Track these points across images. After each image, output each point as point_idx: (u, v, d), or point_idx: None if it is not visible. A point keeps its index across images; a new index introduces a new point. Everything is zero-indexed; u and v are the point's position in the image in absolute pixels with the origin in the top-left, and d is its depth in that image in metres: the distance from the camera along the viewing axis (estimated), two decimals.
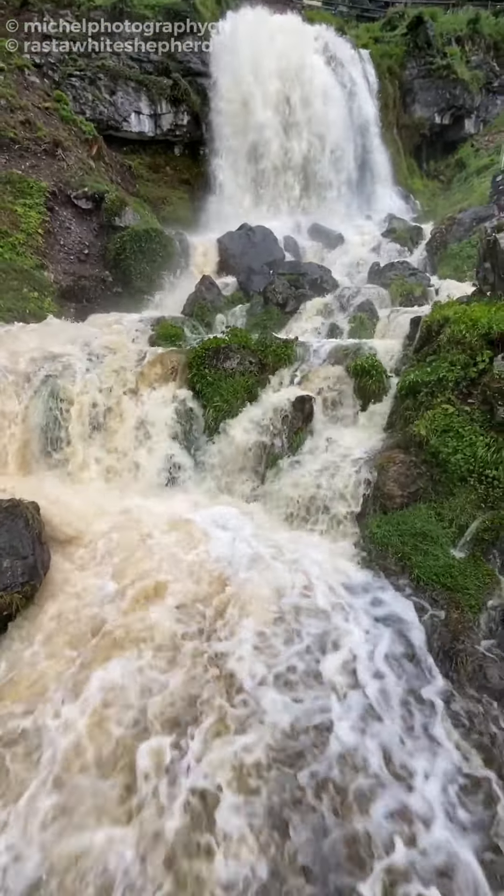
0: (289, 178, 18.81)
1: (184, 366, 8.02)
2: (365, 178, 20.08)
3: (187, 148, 19.44)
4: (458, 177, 21.18)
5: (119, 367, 7.98)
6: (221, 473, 6.94)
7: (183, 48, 18.58)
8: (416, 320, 8.42)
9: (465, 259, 13.11)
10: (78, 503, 6.27)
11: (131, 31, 17.94)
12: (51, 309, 11.86)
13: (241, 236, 14.67)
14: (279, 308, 11.82)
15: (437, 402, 6.25)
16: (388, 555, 5.29)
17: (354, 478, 5.95)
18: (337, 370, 7.84)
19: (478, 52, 22.80)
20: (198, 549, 5.33)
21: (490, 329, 6.21)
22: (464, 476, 5.57)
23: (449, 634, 4.61)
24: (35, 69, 16.63)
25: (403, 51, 21.94)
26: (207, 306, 12.13)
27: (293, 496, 6.14)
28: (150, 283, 13.33)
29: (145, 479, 7.03)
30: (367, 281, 13.07)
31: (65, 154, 14.95)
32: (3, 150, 13.91)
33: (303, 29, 20.55)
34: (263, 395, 7.68)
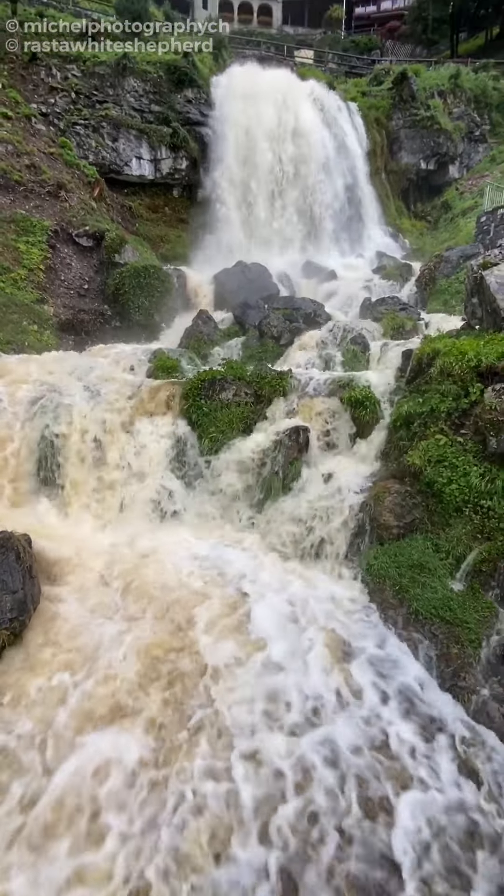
0: (282, 218, 19.64)
1: (180, 397, 8.10)
2: (355, 219, 21.00)
3: (185, 190, 20.33)
4: (444, 217, 22.19)
5: (115, 399, 8.03)
6: (217, 505, 6.89)
7: (182, 100, 19.72)
8: (408, 353, 8.62)
9: (453, 294, 13.56)
10: (71, 536, 6.19)
11: (134, 84, 19.06)
12: (50, 341, 12.06)
13: (236, 273, 15.15)
14: (274, 341, 12.06)
15: (430, 433, 6.32)
16: (386, 587, 5.22)
17: (350, 508, 5.93)
18: (331, 401, 7.94)
19: (459, 104, 24.34)
20: (188, 589, 5.19)
21: (479, 362, 6.36)
22: (459, 506, 5.56)
23: (450, 671, 4.50)
24: (41, 117, 17.54)
25: (389, 103, 23.39)
26: (204, 339, 12.39)
27: (289, 528, 6.09)
28: (148, 316, 13.64)
29: (139, 511, 6.96)
30: (360, 315, 13.42)
31: (68, 195, 15.58)
32: (9, 191, 14.48)
33: (295, 83, 21.99)
34: (259, 425, 7.73)
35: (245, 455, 7.07)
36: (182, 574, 5.46)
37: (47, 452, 7.35)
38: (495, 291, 7.51)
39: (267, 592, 5.23)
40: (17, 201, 14.47)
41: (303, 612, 5.00)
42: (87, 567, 5.65)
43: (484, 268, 8.40)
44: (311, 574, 5.70)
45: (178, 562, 5.67)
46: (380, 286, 15.70)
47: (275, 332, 12.15)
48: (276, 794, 3.37)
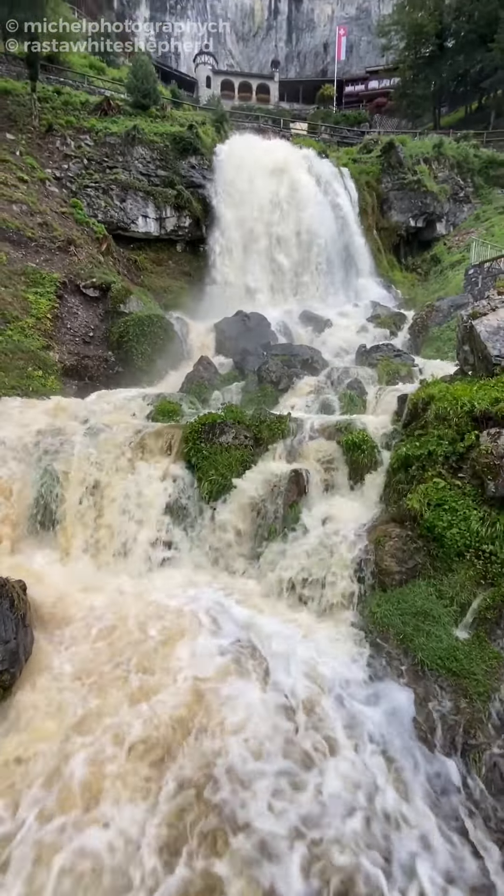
0: (280, 271, 20.66)
1: (180, 440, 8.18)
2: (350, 271, 22.08)
3: (188, 245, 21.51)
4: (434, 270, 23.34)
5: (116, 443, 8.10)
6: (215, 550, 6.80)
7: (186, 166, 21.27)
8: (403, 398, 8.82)
9: (445, 341, 14.05)
10: (67, 582, 6.07)
11: (142, 152, 20.61)
12: (54, 386, 12.33)
13: (236, 321, 15.74)
14: (273, 386, 12.34)
15: (428, 476, 6.36)
16: (390, 636, 5.07)
17: (351, 554, 5.85)
18: (329, 445, 8.03)
19: (444, 169, 26.23)
20: (186, 645, 5.00)
21: (473, 407, 6.51)
22: (461, 551, 5.52)
23: (459, 728, 4.30)
24: (55, 181, 18.84)
25: (379, 169, 25.21)
26: (204, 384, 12.69)
27: (289, 574, 5.97)
28: (150, 362, 14.04)
29: (137, 556, 6.85)
30: (355, 361, 13.82)
31: (77, 250, 16.46)
32: (22, 246, 15.30)
33: (291, 150, 23.85)
34: (258, 468, 7.75)
35: (244, 498, 7.05)
36: (174, 628, 5.26)
37: (46, 496, 7.35)
38: (485, 340, 7.80)
39: (265, 645, 5.05)
40: (28, 255, 15.26)
41: (302, 668, 4.80)
42: (82, 617, 5.48)
43: (474, 317, 8.77)
44: (312, 622, 5.54)
45: (173, 614, 5.48)
46: (374, 334, 16.27)
47: (273, 377, 12.46)
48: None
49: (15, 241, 15.19)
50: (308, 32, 53.08)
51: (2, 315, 13.05)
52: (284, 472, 7.18)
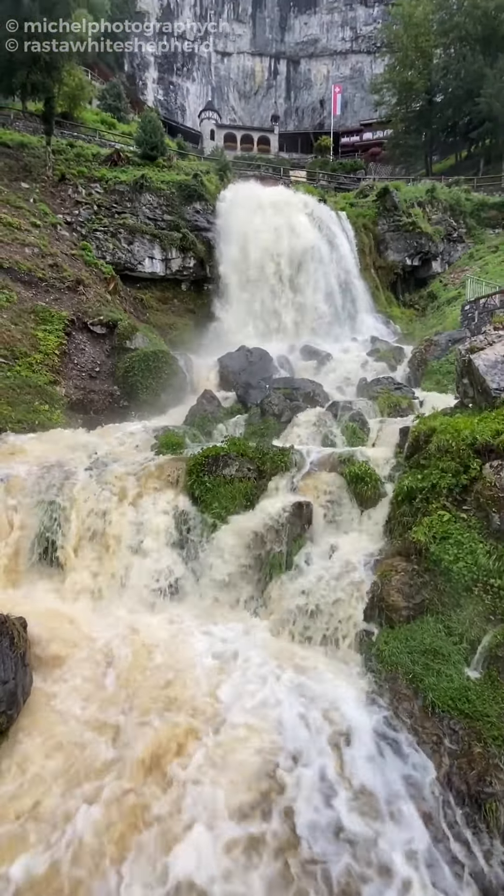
0: (282, 309, 21.30)
1: (184, 473, 8.21)
2: (349, 308, 22.73)
3: (193, 284, 22.31)
4: (431, 306, 24.01)
5: (120, 476, 8.12)
6: (219, 584, 6.69)
7: (191, 211, 22.34)
8: (405, 430, 8.91)
9: (444, 374, 14.27)
10: (68, 618, 5.95)
11: (149, 199, 21.70)
12: (59, 420, 12.51)
13: (239, 356, 16.09)
14: (275, 418, 12.47)
15: (432, 508, 6.34)
16: (399, 675, 4.93)
17: (357, 589, 5.76)
18: (333, 477, 8.04)
19: (437, 212, 27.42)
20: (188, 688, 4.84)
21: (475, 439, 6.56)
22: (468, 586, 5.43)
23: (473, 775, 4.12)
24: (66, 225, 19.76)
25: (375, 212, 26.39)
26: (208, 417, 12.85)
27: (294, 610, 5.85)
28: (155, 396, 14.28)
29: (139, 592, 6.75)
30: (356, 394, 14.02)
31: (85, 289, 17.07)
32: (33, 286, 15.90)
33: (291, 196, 25.08)
34: (262, 501, 7.73)
35: (248, 531, 7.00)
36: (175, 669, 5.10)
37: (49, 530, 7.31)
38: (484, 373, 7.95)
39: (270, 690, 4.88)
40: (38, 295, 15.83)
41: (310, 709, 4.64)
42: (82, 656, 5.34)
43: (472, 352, 8.96)
44: (319, 661, 5.38)
45: (173, 653, 5.35)
46: (374, 367, 16.56)
47: (276, 409, 12.61)
48: None
49: (26, 281, 15.80)
50: (305, 90, 56.83)
51: (11, 351, 13.42)
52: (288, 505, 7.16)
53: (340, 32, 55.20)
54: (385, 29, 42.53)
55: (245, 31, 55.95)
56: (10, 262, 15.73)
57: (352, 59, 55.33)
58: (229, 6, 55.19)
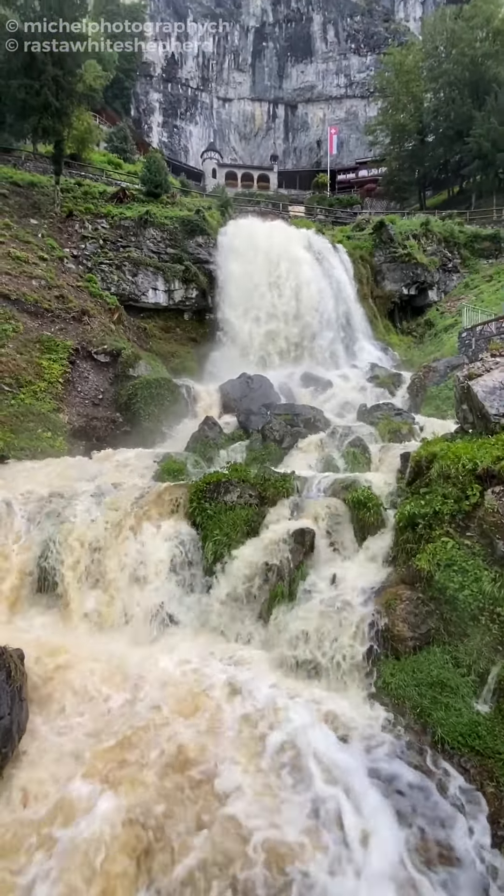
0: (282, 337, 21.73)
1: (185, 500, 8.18)
2: (348, 335, 23.18)
3: (195, 313, 22.85)
4: (428, 333, 24.47)
5: (120, 503, 8.08)
6: (220, 615, 6.57)
7: (194, 244, 23.11)
8: (406, 455, 8.93)
9: (444, 400, 14.42)
10: (66, 649, 5.82)
11: (153, 233, 22.49)
12: (62, 447, 12.61)
13: (240, 383, 16.32)
14: (277, 444, 12.53)
15: (436, 535, 6.30)
16: (406, 709, 4.78)
17: (362, 619, 5.61)
18: (334, 502, 8.01)
19: (432, 244, 28.30)
20: (190, 727, 4.65)
21: (475, 465, 6.58)
22: (475, 615, 5.34)
23: (487, 816, 3.94)
24: (72, 259, 20.42)
25: (371, 244, 27.24)
26: (209, 443, 12.92)
27: (297, 641, 5.69)
28: (157, 423, 14.41)
29: (140, 622, 6.62)
30: (357, 420, 14.12)
31: (90, 319, 17.49)
32: (39, 317, 16.31)
33: (290, 230, 25.97)
34: (264, 528, 7.68)
35: (249, 559, 6.93)
36: (176, 705, 4.92)
37: (49, 559, 7.24)
38: (482, 399, 8.04)
39: (275, 730, 4.66)
40: (44, 325, 16.22)
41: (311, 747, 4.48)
42: (81, 689, 5.17)
43: (470, 378, 9.09)
44: (324, 696, 5.22)
45: (175, 687, 5.17)
46: (374, 393, 16.75)
47: (277, 435, 12.69)
48: None
49: (32, 312, 16.22)
50: (303, 132, 59.64)
51: (16, 380, 13.64)
52: (290, 532, 7.09)
53: (335, 79, 58.38)
54: (377, 76, 45.00)
55: (245, 78, 59.20)
56: (18, 293, 16.19)
57: (346, 103, 58.31)
58: (230, 57, 58.60)
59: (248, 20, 58.23)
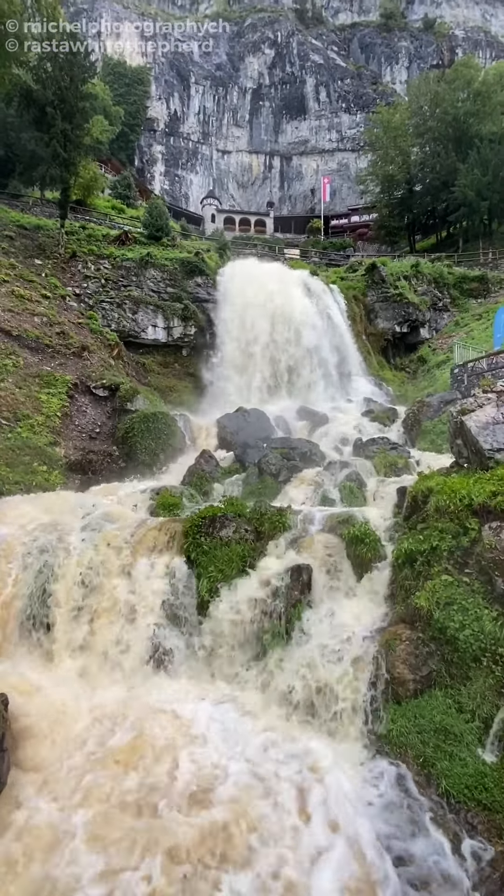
0: (278, 372, 22.16)
1: (180, 534, 8.05)
2: (343, 371, 23.64)
3: (193, 349, 23.32)
4: (421, 369, 24.99)
5: (114, 539, 7.93)
6: (215, 656, 6.35)
7: (193, 284, 23.89)
8: (403, 490, 8.92)
9: (438, 434, 14.55)
10: (54, 694, 5.58)
11: (154, 274, 23.29)
12: (57, 480, 12.52)
13: (237, 417, 16.47)
14: (273, 478, 12.52)
15: (434, 572, 6.21)
16: (409, 758, 4.57)
17: (361, 661, 5.43)
18: (331, 538, 7.92)
19: (422, 284, 29.36)
20: (180, 780, 4.41)
21: (472, 500, 6.58)
22: (477, 656, 5.19)
23: (498, 877, 3.68)
24: (74, 297, 21.01)
25: (364, 285, 28.24)
26: (206, 476, 12.90)
27: (294, 684, 5.48)
28: (153, 456, 14.42)
29: (131, 664, 6.38)
30: (353, 454, 14.17)
31: (90, 355, 17.81)
32: (39, 352, 16.60)
33: (286, 271, 26.95)
34: (259, 564, 7.54)
35: (244, 597, 6.77)
36: (167, 757, 4.66)
37: (39, 598, 7.03)
38: (476, 434, 8.14)
39: (270, 783, 4.41)
40: (44, 360, 16.49)
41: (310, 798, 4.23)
42: (66, 738, 4.92)
43: (463, 413, 9.22)
44: (321, 744, 4.97)
45: (166, 738, 4.91)
46: (369, 428, 16.90)
47: (273, 469, 12.69)
48: None
49: (33, 347, 16.53)
50: (297, 181, 63.01)
51: (14, 414, 13.72)
52: (286, 569, 6.97)
53: (328, 134, 62.30)
54: (367, 132, 48.05)
55: (243, 133, 63.05)
56: (20, 330, 16.54)
57: (338, 155, 61.97)
58: (229, 114, 62.61)
59: (245, 82, 62.58)
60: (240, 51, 62.44)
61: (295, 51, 62.02)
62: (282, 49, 62.02)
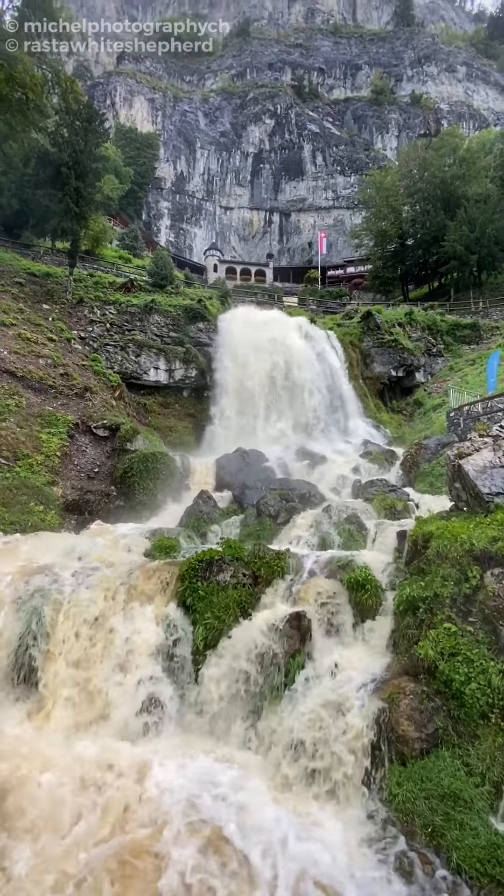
0: (277, 414, 22.49)
1: (176, 578, 7.85)
2: (341, 413, 24.00)
3: (194, 391, 23.77)
4: (417, 412, 25.36)
5: (108, 583, 7.68)
6: (209, 712, 6.01)
7: (195, 329, 24.70)
8: (403, 534, 8.83)
9: (437, 476, 14.57)
10: (39, 753, 5.22)
11: (157, 319, 24.11)
12: (53, 521, 12.39)
13: (236, 457, 16.54)
14: (271, 520, 12.42)
15: (437, 620, 6.04)
16: (416, 828, 4.25)
17: (363, 718, 5.14)
18: (331, 583, 7.73)
19: (416, 331, 30.35)
20: (168, 852, 4.03)
21: (472, 545, 6.51)
22: (484, 711, 4.96)
23: None
24: (79, 340, 21.63)
25: (360, 331, 29.19)
26: (203, 518, 12.78)
27: (292, 747, 5.17)
28: (151, 497, 14.35)
29: (122, 717, 6.02)
30: (352, 495, 14.13)
31: (92, 396, 18.11)
32: (42, 393, 16.89)
33: (285, 318, 27.95)
34: (257, 611, 7.31)
35: (242, 646, 6.51)
36: (152, 824, 4.27)
37: (28, 646, 6.72)
38: (474, 478, 8.17)
39: (265, 857, 4.03)
40: (47, 400, 16.75)
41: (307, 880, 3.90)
42: (50, 805, 4.55)
43: (460, 457, 9.29)
44: (322, 812, 4.64)
45: (153, 804, 4.53)
46: (368, 469, 16.93)
47: (272, 510, 12.61)
48: None
49: (37, 388, 16.83)
50: (296, 235, 66.57)
51: (13, 453, 13.78)
52: (284, 617, 6.76)
53: (324, 194, 66.49)
54: (361, 192, 51.30)
55: (244, 192, 67.24)
56: (24, 371, 16.91)
57: (334, 212, 65.83)
58: (232, 175, 67.05)
59: (247, 147, 67.51)
60: (242, 120, 67.72)
61: (293, 121, 67.35)
62: (281, 119, 67.38)
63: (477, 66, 74.20)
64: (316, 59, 76.24)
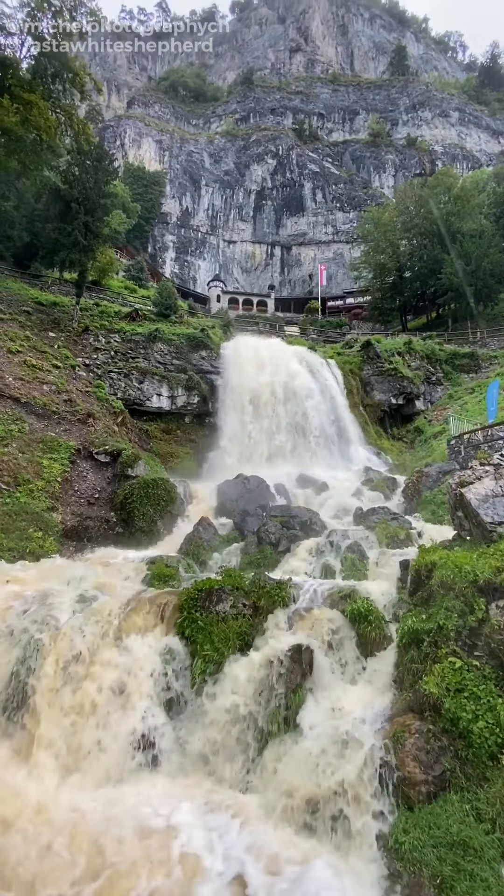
0: (278, 441, 22.58)
1: (174, 608, 7.68)
2: (341, 440, 24.08)
3: (196, 417, 23.95)
4: (418, 439, 25.43)
5: (106, 613, 7.51)
6: (207, 752, 5.77)
7: (198, 357, 25.11)
8: (406, 563, 8.70)
9: (439, 504, 14.47)
10: (27, 797, 4.99)
11: (161, 347, 24.55)
12: (51, 548, 12.26)
13: (237, 483, 16.48)
14: (272, 548, 12.25)
15: (442, 654, 5.88)
16: (424, 881, 4.02)
17: (367, 759, 4.93)
18: (333, 614, 7.56)
19: (415, 360, 30.78)
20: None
21: (476, 576, 6.40)
22: (493, 752, 4.76)
23: None
24: (84, 367, 21.95)
25: (360, 360, 29.63)
26: (203, 545, 12.64)
27: (294, 787, 4.93)
28: (151, 523, 14.23)
29: (116, 756, 5.77)
30: (353, 523, 13.98)
31: (94, 422, 18.24)
32: (45, 418, 17.02)
33: (285, 346, 28.44)
34: (258, 642, 7.12)
35: (243, 681, 6.30)
36: (146, 875, 4.10)
37: (20, 680, 6.51)
38: (477, 507, 8.12)
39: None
40: (50, 426, 16.86)
41: None
42: (38, 853, 4.35)
43: (462, 486, 9.26)
44: (323, 861, 4.40)
45: (146, 852, 4.33)
46: (369, 496, 16.83)
47: (273, 538, 12.46)
48: None
49: (40, 414, 16.98)
50: (296, 267, 68.56)
51: (14, 478, 13.77)
52: (286, 650, 6.56)
53: (324, 228, 68.85)
54: (359, 227, 53.15)
55: (247, 226, 69.67)
56: (28, 397, 17.10)
57: (334, 246, 67.99)
58: (235, 210, 69.65)
59: (250, 185, 70.39)
60: (245, 160, 70.90)
61: (294, 161, 70.50)
62: (282, 159, 70.57)
63: (469, 111, 78.16)
64: (316, 105, 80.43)
